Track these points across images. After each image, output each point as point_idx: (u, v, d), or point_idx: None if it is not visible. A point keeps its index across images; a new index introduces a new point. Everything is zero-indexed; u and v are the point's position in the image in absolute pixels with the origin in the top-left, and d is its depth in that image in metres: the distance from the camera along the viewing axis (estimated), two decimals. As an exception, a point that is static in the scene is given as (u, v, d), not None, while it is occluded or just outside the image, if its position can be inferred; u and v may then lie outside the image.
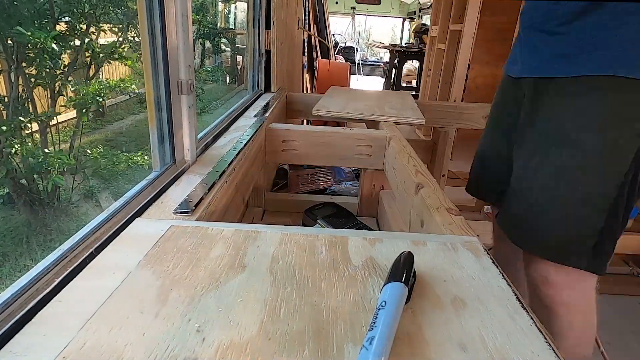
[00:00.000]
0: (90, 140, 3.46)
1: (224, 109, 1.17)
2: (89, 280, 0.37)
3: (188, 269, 0.39)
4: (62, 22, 2.56)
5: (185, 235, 0.45)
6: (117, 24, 3.09)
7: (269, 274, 0.39)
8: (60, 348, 0.29)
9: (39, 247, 2.57)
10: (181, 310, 0.33)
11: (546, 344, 0.31)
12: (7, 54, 2.34)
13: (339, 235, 0.47)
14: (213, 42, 5.53)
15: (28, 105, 2.50)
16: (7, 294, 0.34)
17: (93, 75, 2.86)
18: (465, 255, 0.44)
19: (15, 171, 2.55)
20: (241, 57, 5.88)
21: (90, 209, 3.02)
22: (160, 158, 0.65)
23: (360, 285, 0.38)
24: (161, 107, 0.64)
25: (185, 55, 0.65)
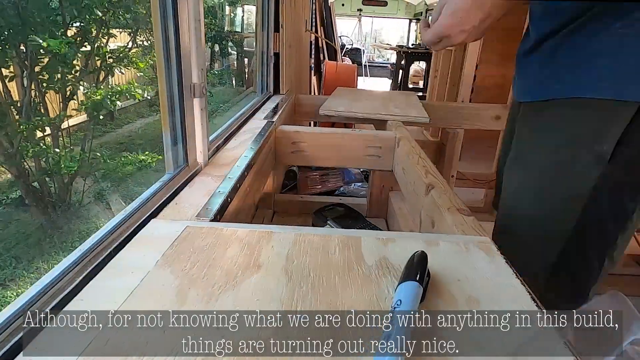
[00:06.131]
0: (100, 143, 3.51)
1: (233, 112, 1.19)
2: (109, 279, 0.38)
3: (205, 269, 0.40)
4: (73, 28, 2.61)
5: (200, 235, 0.46)
6: (127, 29, 3.13)
7: (284, 274, 0.39)
8: (84, 345, 0.30)
9: (51, 249, 2.60)
10: (200, 309, 0.34)
11: (564, 345, 0.32)
12: (20, 59, 2.38)
13: (351, 236, 0.48)
14: (221, 45, 5.57)
15: (40, 109, 2.55)
16: (32, 291, 0.35)
17: (103, 79, 2.90)
18: (479, 255, 0.45)
19: (28, 174, 2.59)
20: (248, 60, 5.92)
21: (100, 211, 3.06)
22: (174, 160, 0.66)
23: (375, 285, 0.39)
24: (174, 110, 0.65)
25: (197, 58, 0.66)
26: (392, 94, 2.23)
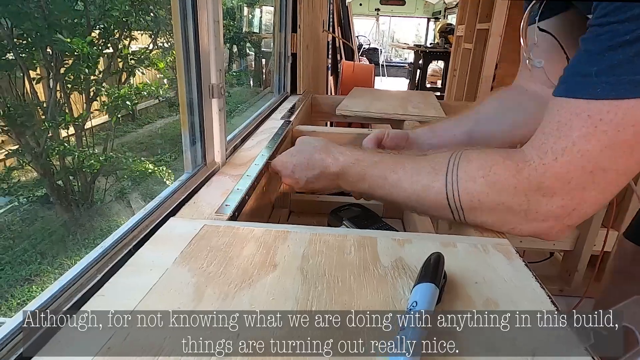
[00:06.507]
0: (122, 142, 3.59)
1: (251, 112, 1.20)
2: (128, 276, 0.39)
3: (222, 267, 0.40)
4: (96, 30, 2.68)
5: (217, 234, 0.46)
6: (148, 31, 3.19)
7: (299, 273, 0.40)
8: (105, 340, 0.30)
9: (74, 245, 2.68)
10: (216, 307, 0.34)
11: (585, 351, 0.31)
12: (46, 61, 2.46)
13: (367, 236, 0.47)
14: (239, 46, 5.63)
15: (65, 110, 2.62)
16: (55, 287, 0.36)
17: (125, 80, 2.97)
18: (497, 257, 0.44)
19: (53, 172, 2.68)
20: (265, 61, 5.96)
21: (121, 209, 3.13)
22: (192, 160, 0.67)
23: (390, 286, 0.38)
24: (193, 110, 0.66)
25: (216, 59, 0.67)
26: (410, 93, 2.21)
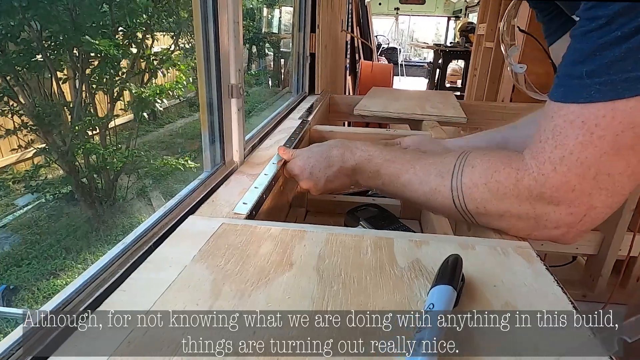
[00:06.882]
0: (144, 141, 3.67)
1: (269, 112, 1.21)
2: (148, 272, 0.40)
3: (239, 265, 0.40)
4: (120, 32, 2.75)
5: (235, 232, 0.47)
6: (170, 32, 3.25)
7: (315, 273, 0.40)
8: (125, 334, 0.31)
9: (97, 241, 2.75)
10: (233, 304, 0.35)
11: (608, 358, 0.30)
12: (73, 62, 2.54)
13: (384, 237, 0.47)
14: (258, 47, 5.68)
15: (90, 110, 2.70)
16: (79, 282, 0.37)
17: (147, 80, 3.03)
18: (517, 260, 0.43)
19: (78, 170, 2.76)
20: (284, 61, 5.99)
21: (142, 206, 3.20)
22: (211, 159, 0.68)
23: (407, 287, 0.38)
24: (212, 110, 0.67)
25: (235, 60, 0.67)
26: (429, 93, 2.18)
